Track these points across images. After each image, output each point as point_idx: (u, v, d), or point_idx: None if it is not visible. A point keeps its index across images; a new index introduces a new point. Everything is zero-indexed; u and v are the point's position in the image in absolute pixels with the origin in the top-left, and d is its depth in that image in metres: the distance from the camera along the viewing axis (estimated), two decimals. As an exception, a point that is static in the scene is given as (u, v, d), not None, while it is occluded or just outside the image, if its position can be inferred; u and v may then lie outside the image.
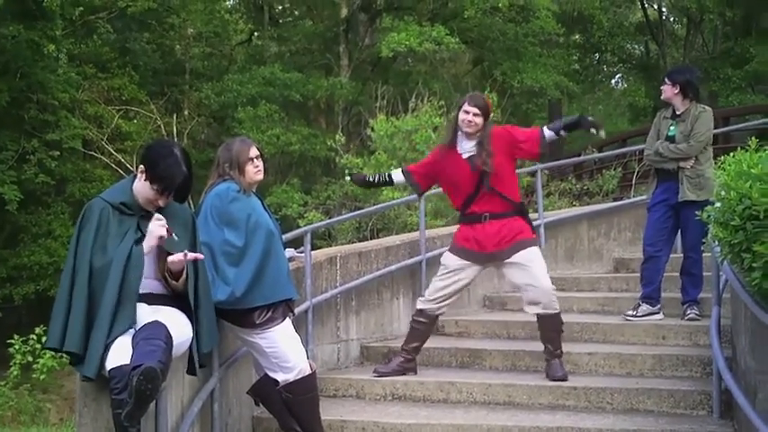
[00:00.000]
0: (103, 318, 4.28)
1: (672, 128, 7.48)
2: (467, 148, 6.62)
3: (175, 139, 20.59)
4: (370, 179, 7.26)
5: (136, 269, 4.39)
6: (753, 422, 4.51)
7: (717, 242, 4.95)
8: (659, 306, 7.58)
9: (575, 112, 33.61)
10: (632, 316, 7.59)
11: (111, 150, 20.63)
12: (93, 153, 21.23)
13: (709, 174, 7.30)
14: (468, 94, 6.94)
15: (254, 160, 5.46)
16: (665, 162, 7.47)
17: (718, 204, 5.17)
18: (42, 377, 13.12)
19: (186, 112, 24.06)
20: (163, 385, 4.17)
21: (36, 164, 19.22)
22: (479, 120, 6.57)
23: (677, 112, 7.49)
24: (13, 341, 13.37)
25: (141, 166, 4.58)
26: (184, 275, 4.52)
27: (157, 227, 4.46)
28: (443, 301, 6.87)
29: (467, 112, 6.58)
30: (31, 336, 13.28)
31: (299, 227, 13.72)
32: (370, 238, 13.07)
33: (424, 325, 6.93)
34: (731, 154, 5.00)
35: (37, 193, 20.21)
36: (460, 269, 6.79)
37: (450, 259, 6.84)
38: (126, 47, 24.18)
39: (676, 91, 7.43)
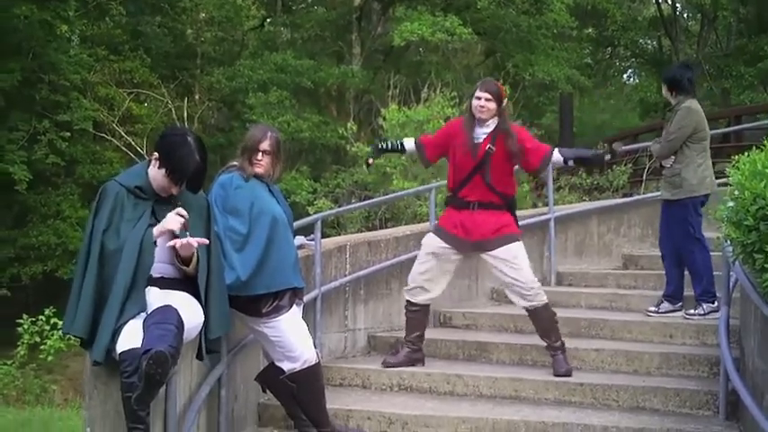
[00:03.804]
0: (114, 302, 4.30)
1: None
2: (476, 133, 6.59)
3: (185, 123, 20.65)
4: (383, 146, 7.22)
5: (148, 254, 4.41)
6: (760, 424, 4.51)
7: (729, 242, 4.95)
8: (680, 304, 7.56)
9: (585, 107, 33.65)
10: (654, 312, 7.58)
11: (122, 133, 20.71)
12: (103, 135, 21.31)
13: (688, 173, 7.33)
14: (481, 81, 6.92)
15: (259, 153, 5.44)
16: (655, 160, 7.58)
17: (731, 204, 5.17)
18: (50, 358, 13.16)
19: (197, 97, 24.11)
20: (173, 370, 4.19)
21: (46, 144, 19.30)
22: (492, 105, 6.53)
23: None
24: (21, 321, 13.41)
25: (155, 153, 4.60)
26: (195, 260, 4.52)
27: (173, 220, 4.46)
28: (426, 291, 6.76)
29: (479, 98, 6.54)
30: (40, 316, 13.32)
31: (308, 214, 13.75)
32: (380, 228, 13.08)
33: (417, 314, 6.86)
34: (745, 153, 4.99)
35: (46, 174, 20.31)
36: (440, 253, 6.70)
37: (431, 240, 6.77)
38: (138, 29, 24.22)
39: (666, 89, 7.57)
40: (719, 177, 10.96)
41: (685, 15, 32.42)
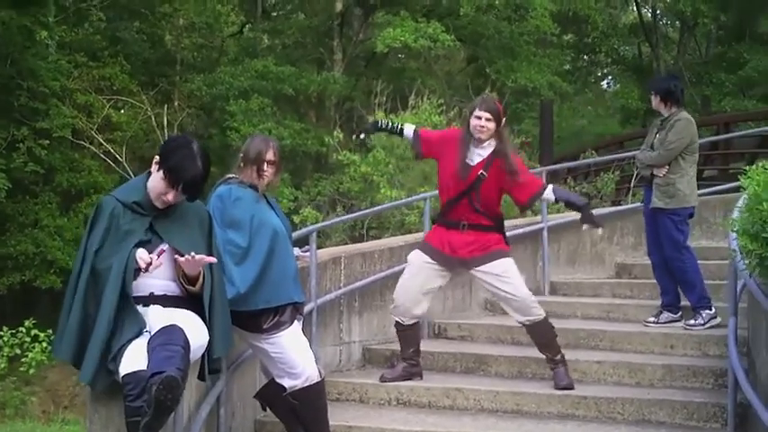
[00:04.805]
0: (101, 323, 4.11)
1: (657, 135, 7.53)
2: (472, 154, 6.42)
3: (165, 131, 20.39)
4: (382, 124, 7.04)
5: (132, 271, 4.22)
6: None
7: (742, 253, 4.84)
8: (680, 314, 7.52)
9: (565, 113, 33.58)
10: (654, 323, 7.51)
11: (101, 140, 20.41)
12: (81, 142, 20.99)
13: (683, 183, 7.32)
14: (481, 98, 6.74)
15: (265, 164, 5.29)
16: (643, 169, 7.62)
17: (736, 214, 5.07)
18: (31, 371, 12.92)
19: (176, 104, 23.84)
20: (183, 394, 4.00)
21: (25, 152, 18.99)
22: (491, 125, 6.36)
23: (662, 121, 7.55)
24: (1, 333, 13.16)
25: (156, 156, 4.44)
26: (201, 279, 4.35)
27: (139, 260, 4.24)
28: (412, 308, 6.57)
29: (479, 118, 6.36)
30: (20, 328, 13.07)
31: (292, 223, 13.57)
32: (365, 237, 12.91)
33: (407, 332, 6.71)
34: (759, 163, 4.90)
35: (25, 182, 19.97)
36: (426, 269, 6.54)
37: (416, 257, 6.62)
38: (117, 36, 23.94)
39: (658, 100, 7.51)
40: (710, 185, 11.02)
41: (665, 22, 32.46)
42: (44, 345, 12.49)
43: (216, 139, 23.83)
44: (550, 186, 6.56)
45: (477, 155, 6.42)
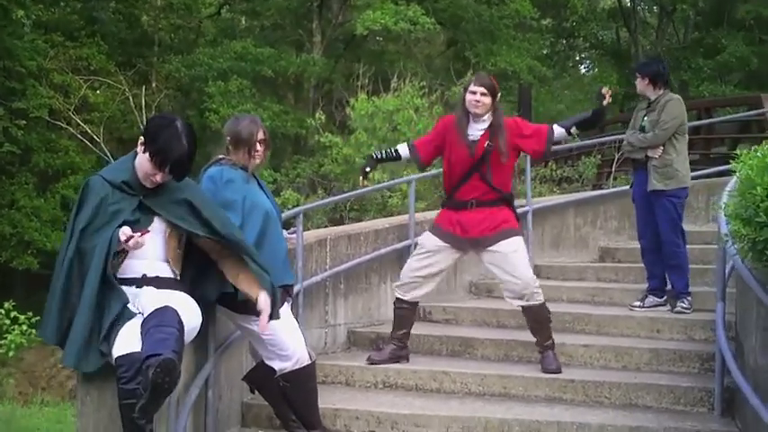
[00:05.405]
0: (84, 305, 4.07)
1: (645, 118, 7.52)
2: (473, 130, 6.43)
3: (143, 112, 20.24)
4: (377, 155, 6.99)
5: (115, 250, 4.17)
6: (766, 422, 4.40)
7: (733, 237, 4.83)
8: (665, 298, 7.53)
9: (543, 97, 33.58)
10: (639, 307, 7.52)
11: (78, 121, 20.23)
12: (58, 123, 20.81)
13: (679, 164, 7.35)
14: (475, 75, 6.78)
15: (257, 145, 5.26)
16: (635, 152, 7.58)
17: (725, 198, 5.07)
18: (11, 353, 12.81)
19: (154, 85, 23.64)
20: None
21: (1, 132, 18.82)
22: (487, 99, 6.37)
23: (650, 103, 7.54)
24: (-20, 316, 13.04)
25: (141, 137, 4.38)
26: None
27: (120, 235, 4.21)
28: (418, 287, 6.62)
29: (473, 93, 6.37)
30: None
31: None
32: (347, 219, 12.87)
33: (405, 311, 6.73)
34: (753, 148, 4.89)
35: (1, 163, 19.82)
36: (437, 251, 6.56)
37: (428, 239, 6.63)
38: (93, 16, 23.70)
39: (646, 83, 7.50)
40: (693, 170, 11.05)
41: (643, 7, 32.49)
42: (24, 327, 12.39)
43: (193, 120, 23.59)
44: (555, 125, 6.52)
45: (479, 130, 6.42)
